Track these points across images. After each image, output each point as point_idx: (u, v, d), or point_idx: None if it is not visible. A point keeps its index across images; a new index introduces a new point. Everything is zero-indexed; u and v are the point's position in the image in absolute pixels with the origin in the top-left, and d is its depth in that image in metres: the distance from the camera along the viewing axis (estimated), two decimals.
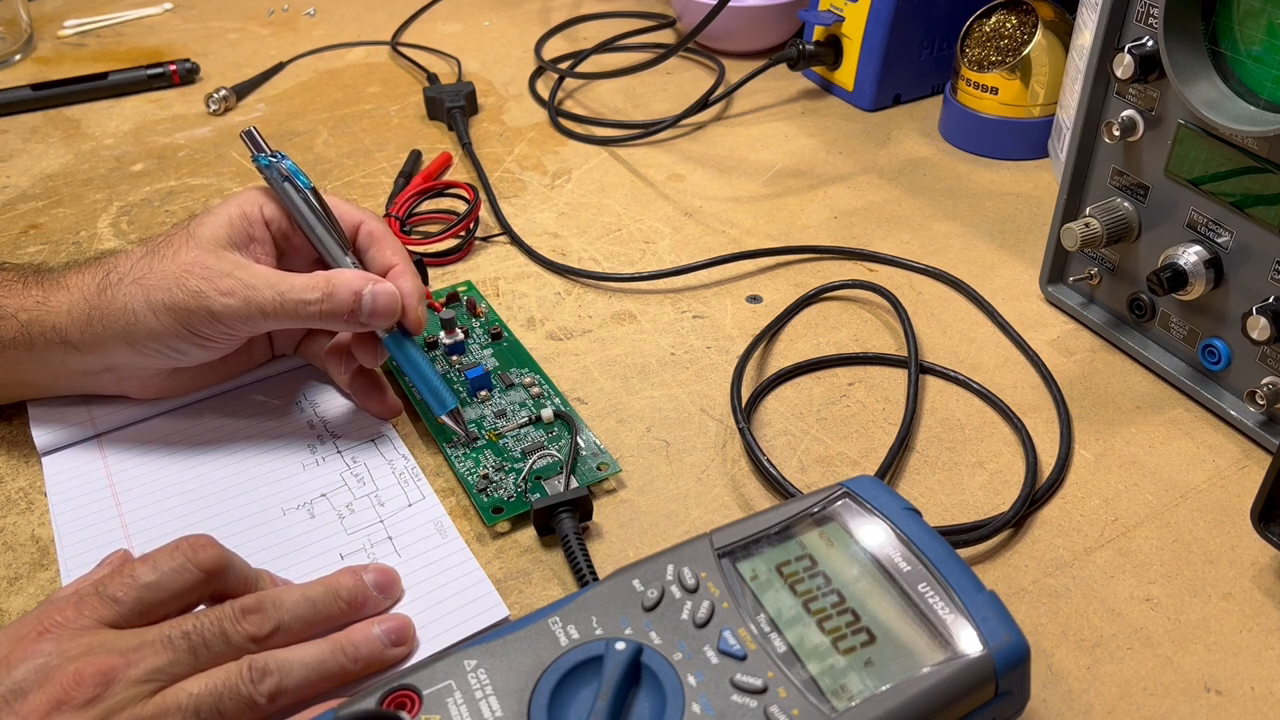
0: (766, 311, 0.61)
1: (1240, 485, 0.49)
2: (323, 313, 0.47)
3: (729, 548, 0.38)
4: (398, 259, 0.51)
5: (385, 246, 0.52)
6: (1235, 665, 0.41)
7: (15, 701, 0.34)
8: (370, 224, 0.52)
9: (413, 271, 0.51)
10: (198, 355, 0.49)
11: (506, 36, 0.96)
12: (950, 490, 0.49)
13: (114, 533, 0.47)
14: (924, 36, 0.80)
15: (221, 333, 0.47)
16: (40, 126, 0.83)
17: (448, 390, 0.50)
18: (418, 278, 0.51)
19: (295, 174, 0.51)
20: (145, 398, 0.52)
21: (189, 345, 0.48)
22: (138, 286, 0.47)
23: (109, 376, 0.50)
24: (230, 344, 0.49)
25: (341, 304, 0.47)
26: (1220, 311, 0.51)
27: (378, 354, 0.51)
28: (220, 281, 0.46)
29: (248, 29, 0.99)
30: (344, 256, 0.50)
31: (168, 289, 0.46)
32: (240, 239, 0.49)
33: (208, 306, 0.46)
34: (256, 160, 0.51)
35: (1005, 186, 0.72)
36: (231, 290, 0.46)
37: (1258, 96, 0.46)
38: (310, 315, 0.47)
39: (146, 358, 0.48)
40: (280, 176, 0.51)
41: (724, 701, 0.33)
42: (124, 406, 0.52)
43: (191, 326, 0.46)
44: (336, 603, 0.41)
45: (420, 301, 0.50)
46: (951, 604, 0.35)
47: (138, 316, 0.46)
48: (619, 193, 0.72)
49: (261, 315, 0.47)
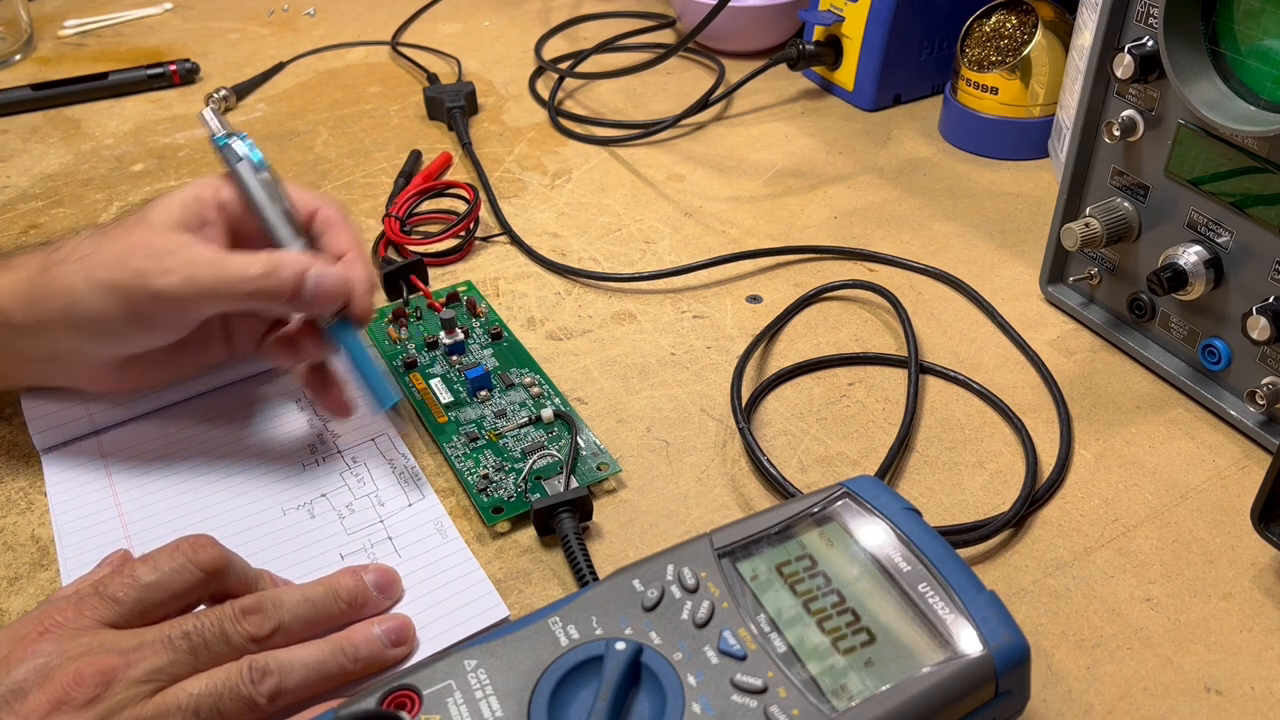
0: (766, 311, 0.61)
1: (1240, 485, 0.49)
2: (263, 290, 0.45)
3: (729, 548, 0.38)
4: (351, 246, 0.49)
5: (340, 233, 0.50)
6: (1235, 665, 0.41)
7: (15, 701, 0.34)
8: (327, 210, 0.51)
9: (365, 261, 0.49)
10: (142, 340, 0.47)
11: (506, 36, 0.96)
12: (950, 490, 0.49)
13: (114, 533, 0.47)
14: (924, 36, 0.80)
15: (164, 314, 0.46)
16: (40, 126, 0.83)
17: (389, 386, 0.49)
18: (371, 268, 0.49)
19: (251, 153, 0.50)
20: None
21: (131, 328, 0.46)
22: (80, 265, 0.45)
23: (55, 365, 0.49)
24: (176, 328, 0.47)
25: (283, 282, 0.45)
26: (1220, 311, 0.51)
27: (324, 345, 0.49)
28: (163, 260, 0.45)
29: (248, 29, 0.99)
30: (294, 240, 0.49)
31: (109, 267, 0.45)
32: (193, 222, 0.47)
33: (148, 285, 0.44)
34: (214, 140, 0.50)
35: (1005, 186, 0.72)
36: (172, 268, 0.44)
37: (1258, 96, 0.46)
38: (251, 292, 0.45)
39: (90, 342, 0.47)
40: (235, 156, 0.49)
41: (724, 701, 0.33)
42: (121, 402, 0.52)
43: (132, 305, 0.45)
44: (337, 603, 0.41)
45: (369, 292, 0.49)
46: (951, 604, 0.35)
47: (77, 295, 0.45)
48: (619, 193, 0.72)
49: (199, 294, 0.45)
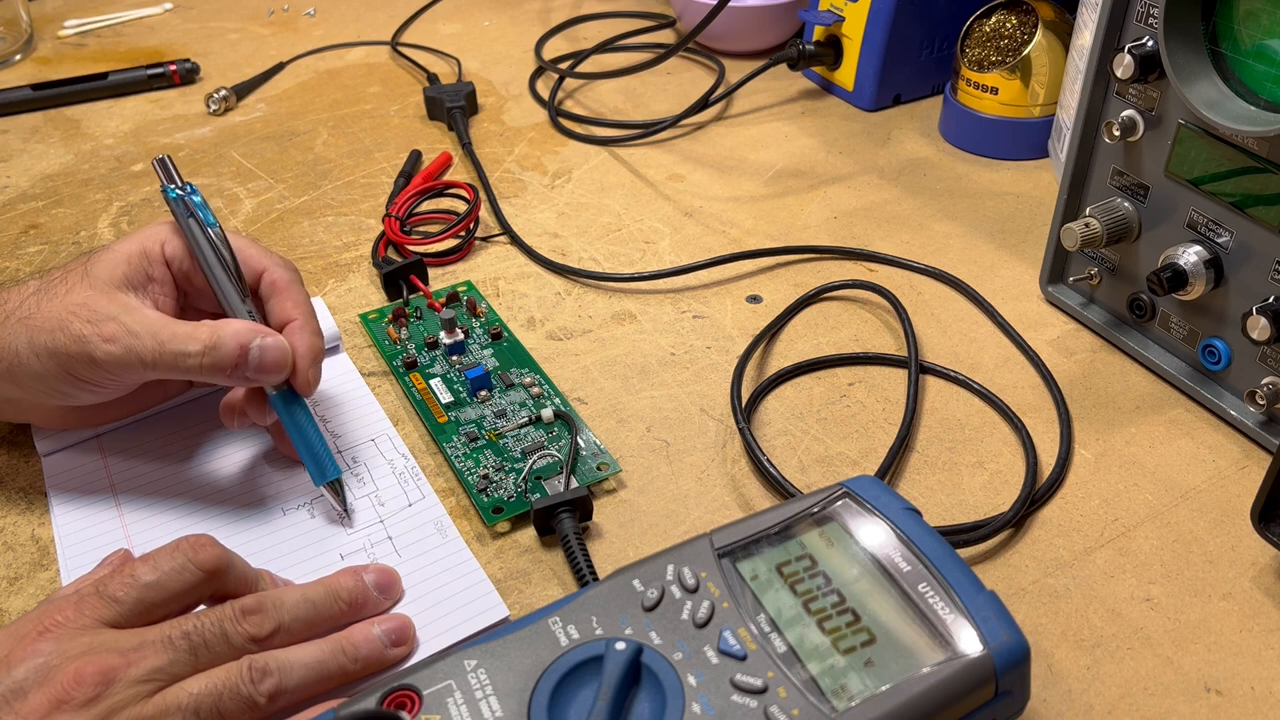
0: (766, 311, 0.61)
1: (1240, 485, 0.49)
2: (204, 366, 0.44)
3: (729, 548, 0.38)
4: (298, 313, 0.48)
5: (287, 298, 0.48)
6: (1235, 665, 0.41)
7: (15, 701, 0.34)
8: (275, 272, 0.49)
9: (313, 329, 0.48)
10: (86, 398, 0.46)
11: (506, 36, 0.96)
12: (950, 490, 0.49)
13: (114, 533, 0.47)
14: (924, 36, 0.80)
15: (105, 378, 0.45)
16: (40, 126, 0.83)
17: (330, 459, 0.47)
18: (318, 335, 0.48)
19: (202, 211, 0.48)
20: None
21: (73, 389, 0.45)
22: (22, 326, 0.44)
23: (9, 407, 0.48)
24: (118, 389, 0.47)
25: (225, 357, 0.44)
26: (1220, 311, 0.51)
27: (266, 413, 0.47)
28: (104, 327, 0.44)
29: (248, 29, 0.99)
30: (240, 305, 0.47)
31: (51, 331, 0.44)
32: (138, 279, 0.46)
33: (89, 353, 0.43)
34: (164, 191, 0.49)
35: (1005, 186, 0.72)
36: (114, 337, 0.43)
37: (1258, 96, 0.46)
38: (191, 369, 0.44)
39: (36, 396, 0.46)
40: (186, 211, 0.48)
41: (724, 701, 0.33)
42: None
43: (73, 371, 0.44)
44: (337, 603, 0.41)
45: (314, 363, 0.47)
46: (951, 604, 0.35)
47: (20, 358, 0.44)
48: (619, 193, 0.72)
49: (141, 365, 0.44)
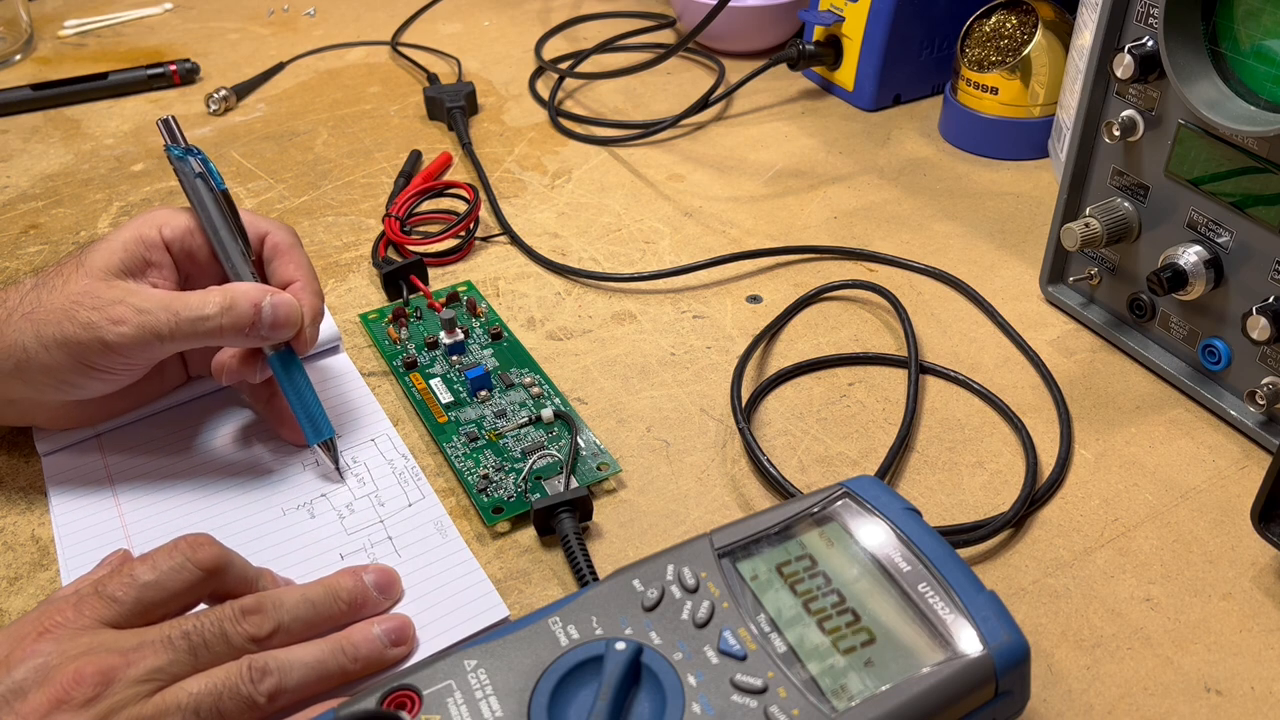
0: (766, 311, 0.61)
1: (1240, 485, 0.49)
2: (224, 327, 0.45)
3: (729, 548, 0.38)
4: (300, 274, 0.49)
5: (289, 260, 0.49)
6: (1235, 665, 0.41)
7: (15, 701, 0.34)
8: (277, 235, 0.50)
9: (314, 290, 0.49)
10: (97, 388, 0.47)
11: (506, 36, 0.96)
12: (950, 490, 0.49)
13: (114, 533, 0.47)
14: (924, 36, 0.80)
15: (119, 363, 0.45)
16: (40, 126, 0.83)
17: (325, 419, 0.48)
18: (319, 296, 0.49)
19: (210, 172, 0.48)
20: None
21: (85, 379, 0.45)
22: (27, 321, 0.44)
23: (13, 409, 0.48)
24: (131, 373, 0.47)
25: (242, 317, 0.45)
26: (1220, 311, 0.51)
27: (258, 370, 0.48)
28: (111, 310, 0.44)
29: (248, 29, 0.99)
30: (245, 266, 0.48)
31: (58, 323, 0.44)
32: (135, 265, 0.46)
33: (100, 338, 0.44)
34: (169, 151, 0.49)
35: (1005, 186, 0.72)
36: (124, 318, 0.44)
37: (1258, 96, 0.46)
38: (211, 331, 0.45)
39: (45, 392, 0.46)
40: (193, 172, 0.48)
41: (724, 701, 0.33)
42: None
43: (85, 359, 0.44)
44: (336, 603, 0.41)
45: (315, 321, 0.48)
46: (951, 604, 0.35)
47: (29, 353, 0.44)
48: (619, 193, 0.72)
49: (158, 340, 0.44)
